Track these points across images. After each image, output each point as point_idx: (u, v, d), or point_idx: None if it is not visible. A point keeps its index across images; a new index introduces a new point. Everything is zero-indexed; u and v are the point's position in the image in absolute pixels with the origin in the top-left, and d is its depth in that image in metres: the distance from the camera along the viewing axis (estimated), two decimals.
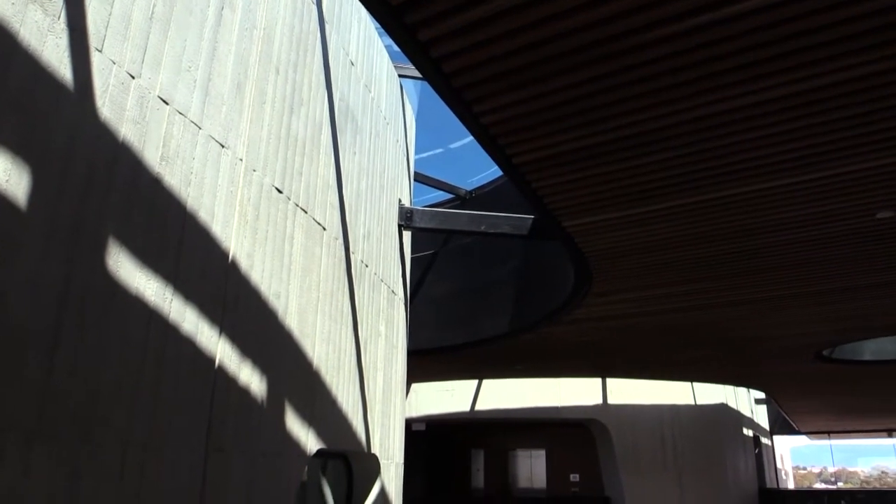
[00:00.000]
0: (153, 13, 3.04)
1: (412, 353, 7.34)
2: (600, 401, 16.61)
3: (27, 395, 2.27)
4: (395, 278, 6.57)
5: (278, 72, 4.19)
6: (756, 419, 24.08)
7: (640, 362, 13.17)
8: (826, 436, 30.81)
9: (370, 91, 6.09)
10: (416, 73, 6.35)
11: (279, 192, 4.10)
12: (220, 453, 3.27)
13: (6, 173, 2.24)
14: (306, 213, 4.45)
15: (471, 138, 4.06)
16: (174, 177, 3.11)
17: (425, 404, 17.29)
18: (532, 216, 6.38)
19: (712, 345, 10.82)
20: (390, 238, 6.55)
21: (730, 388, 19.32)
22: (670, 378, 16.11)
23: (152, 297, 2.89)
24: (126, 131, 2.83)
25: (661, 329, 9.38)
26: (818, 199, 4.71)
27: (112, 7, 2.79)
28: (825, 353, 11.23)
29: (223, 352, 3.36)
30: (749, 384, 17.78)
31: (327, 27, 5.04)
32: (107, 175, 2.70)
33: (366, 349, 5.47)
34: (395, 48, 3.37)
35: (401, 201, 6.99)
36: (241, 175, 3.68)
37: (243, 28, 3.80)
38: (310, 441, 4.23)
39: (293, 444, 4.03)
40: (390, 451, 5.97)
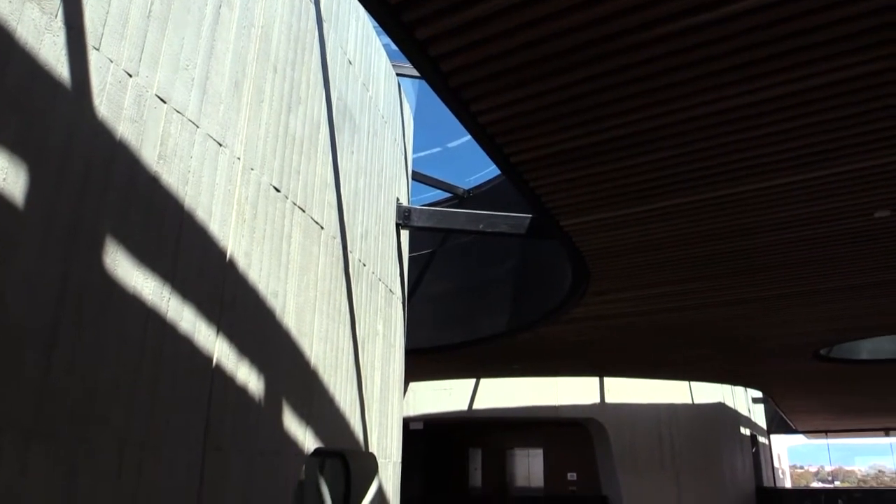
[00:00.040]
0: (151, 11, 3.04)
1: (410, 352, 7.35)
2: (598, 400, 16.64)
3: (24, 394, 2.26)
4: (392, 277, 6.57)
5: (276, 70, 4.19)
6: (753, 418, 24.11)
7: (637, 361, 13.18)
8: (823, 435, 30.86)
9: (368, 90, 6.09)
10: (415, 71, 6.34)
11: (277, 190, 4.09)
12: (218, 452, 3.27)
13: (3, 172, 2.24)
14: (304, 211, 4.45)
15: (469, 137, 4.06)
16: (172, 175, 3.11)
17: (423, 403, 17.30)
18: (530, 215, 6.39)
19: (710, 344, 10.83)
20: (388, 237, 6.55)
21: (727, 388, 19.34)
22: (668, 377, 16.13)
23: (150, 296, 2.89)
24: (123, 130, 2.82)
25: (659, 328, 9.39)
26: (815, 198, 4.72)
27: (109, 5, 2.78)
28: (823, 352, 11.25)
29: (221, 350, 3.36)
30: (746, 383, 17.81)
31: (325, 26, 5.04)
32: (104, 173, 2.70)
33: (363, 348, 5.47)
34: (394, 47, 3.37)
35: (399, 200, 7.00)
36: (239, 174, 3.68)
37: (241, 26, 3.80)
38: (307, 440, 4.23)
39: (291, 443, 4.03)
40: (388, 449, 5.98)
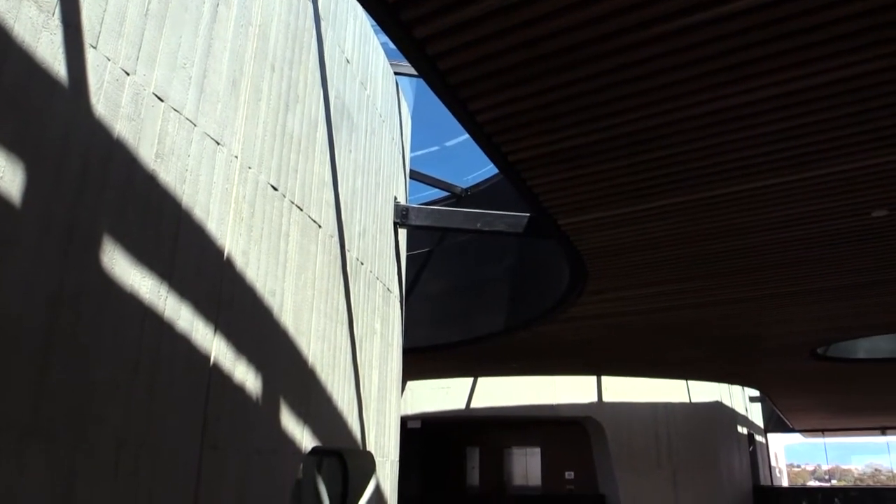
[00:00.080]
0: (148, 10, 3.03)
1: (407, 351, 7.35)
2: (595, 398, 16.66)
3: (22, 394, 2.26)
4: (390, 276, 6.57)
5: (274, 69, 4.18)
6: (750, 417, 24.18)
7: (635, 360, 13.20)
8: (820, 433, 30.95)
9: (366, 88, 6.09)
10: (412, 70, 6.34)
11: (274, 189, 4.09)
12: (215, 451, 3.27)
13: (0, 170, 2.24)
14: (302, 210, 4.45)
15: (466, 136, 4.06)
16: (169, 174, 3.11)
17: (421, 402, 17.31)
18: (528, 214, 6.39)
19: (707, 343, 10.84)
20: (386, 236, 6.55)
21: (724, 386, 19.39)
22: (665, 376, 16.15)
23: (147, 295, 2.89)
24: (121, 128, 2.82)
25: (656, 327, 9.40)
26: (811, 198, 4.72)
27: (107, 3, 2.78)
28: (819, 351, 11.27)
29: (218, 349, 3.36)
30: (743, 382, 17.84)
31: (323, 24, 5.03)
32: (101, 172, 2.70)
33: (361, 347, 5.47)
34: (391, 45, 3.36)
35: (396, 199, 6.99)
36: (237, 172, 3.68)
37: (238, 25, 3.80)
38: (305, 438, 4.23)
39: (288, 442, 4.03)
40: (385, 448, 5.98)
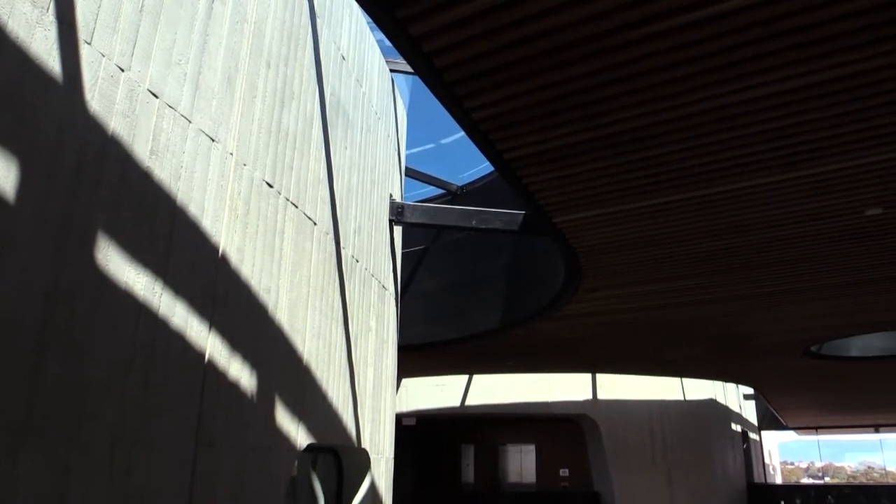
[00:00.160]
0: (143, 6, 3.02)
1: (403, 348, 7.35)
2: (590, 396, 16.70)
3: (16, 391, 2.26)
4: (385, 273, 6.57)
5: (269, 66, 4.17)
6: (744, 414, 24.25)
7: (629, 358, 13.23)
8: (814, 431, 31.06)
9: (361, 86, 6.08)
10: (408, 67, 6.34)
11: (269, 186, 4.08)
12: (210, 448, 3.27)
13: None
14: (297, 207, 4.44)
15: (462, 133, 4.05)
16: (164, 171, 3.10)
17: (416, 399, 17.32)
18: (523, 212, 6.39)
19: (702, 341, 10.88)
20: (381, 233, 6.55)
21: (719, 384, 19.45)
22: (660, 374, 16.20)
23: (142, 292, 2.88)
24: (115, 125, 2.81)
25: (651, 325, 9.43)
26: (809, 195, 4.73)
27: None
28: (813, 349, 11.32)
29: (213, 346, 3.35)
30: (738, 380, 17.91)
31: (318, 21, 5.02)
32: (96, 168, 2.69)
33: (356, 344, 5.47)
34: (387, 43, 3.36)
35: (392, 196, 6.99)
36: (232, 169, 3.67)
37: (234, 21, 3.79)
38: (300, 436, 4.23)
39: (283, 439, 4.03)
40: (380, 445, 5.98)
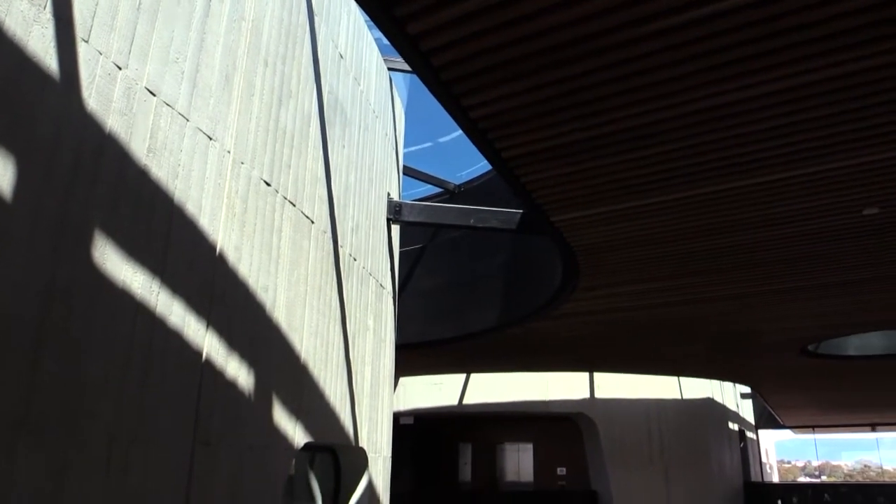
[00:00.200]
0: (140, 3, 3.01)
1: (400, 347, 7.34)
2: (587, 395, 16.72)
3: (13, 389, 2.25)
4: (383, 272, 6.57)
5: (267, 64, 4.16)
6: (741, 413, 24.31)
7: (627, 357, 13.24)
8: (810, 430, 31.15)
9: (359, 84, 6.07)
10: (406, 66, 6.33)
11: (267, 184, 4.08)
12: (207, 447, 3.26)
13: None
14: (294, 206, 4.44)
15: (460, 132, 4.04)
16: (161, 169, 3.09)
17: (413, 398, 17.33)
18: (521, 211, 6.39)
19: (700, 340, 10.89)
20: (379, 232, 6.55)
21: (716, 383, 19.49)
22: (657, 373, 16.22)
23: (139, 290, 2.88)
24: (113, 123, 2.80)
25: (649, 324, 9.43)
26: (807, 194, 4.73)
27: None
28: (810, 347, 11.34)
29: (210, 345, 3.35)
30: (735, 379, 17.94)
31: (316, 19, 5.02)
32: (93, 167, 2.68)
33: (354, 343, 5.47)
34: (385, 41, 3.35)
35: (390, 195, 6.99)
36: (229, 167, 3.67)
37: (231, 19, 3.78)
38: (297, 434, 4.22)
39: (281, 438, 4.03)
40: (378, 444, 5.98)
